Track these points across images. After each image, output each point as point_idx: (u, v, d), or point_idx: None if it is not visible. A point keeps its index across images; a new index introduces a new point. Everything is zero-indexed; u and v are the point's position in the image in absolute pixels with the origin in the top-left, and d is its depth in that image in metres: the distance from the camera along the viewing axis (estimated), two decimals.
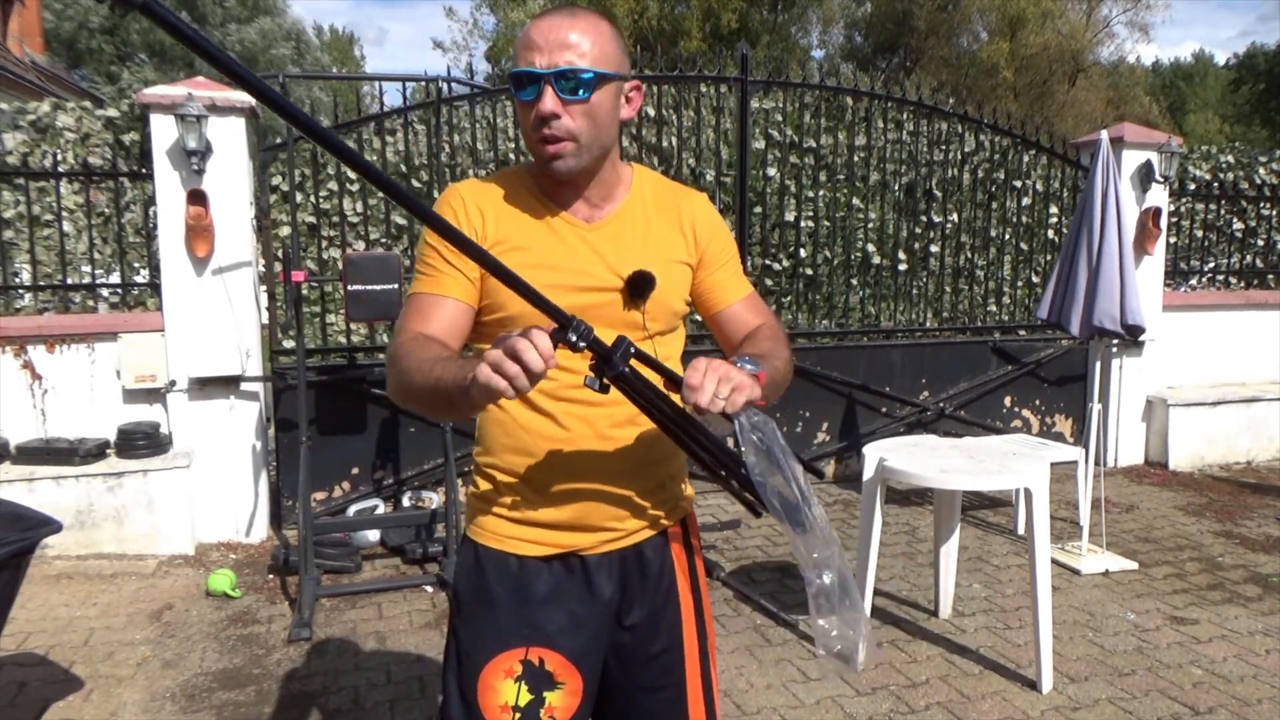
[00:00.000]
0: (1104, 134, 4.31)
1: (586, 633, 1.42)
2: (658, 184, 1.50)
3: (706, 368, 1.17)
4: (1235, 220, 6.66)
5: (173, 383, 4.45)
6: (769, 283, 5.71)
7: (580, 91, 1.29)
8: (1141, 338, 5.92)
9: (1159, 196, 5.97)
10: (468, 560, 1.46)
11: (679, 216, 1.47)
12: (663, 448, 1.44)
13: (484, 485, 1.45)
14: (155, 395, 4.47)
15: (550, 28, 1.30)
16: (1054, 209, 6.20)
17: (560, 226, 1.39)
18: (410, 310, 1.40)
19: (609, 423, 1.38)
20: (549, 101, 1.28)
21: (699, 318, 1.56)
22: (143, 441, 4.30)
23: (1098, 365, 5.70)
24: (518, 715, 1.38)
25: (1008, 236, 6.14)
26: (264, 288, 4.77)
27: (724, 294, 1.51)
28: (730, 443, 1.24)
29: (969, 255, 6.06)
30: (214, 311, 4.42)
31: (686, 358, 1.39)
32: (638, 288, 1.36)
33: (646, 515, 1.46)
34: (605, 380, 1.17)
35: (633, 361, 1.18)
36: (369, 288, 3.80)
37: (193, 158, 4.24)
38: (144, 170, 4.46)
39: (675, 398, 1.22)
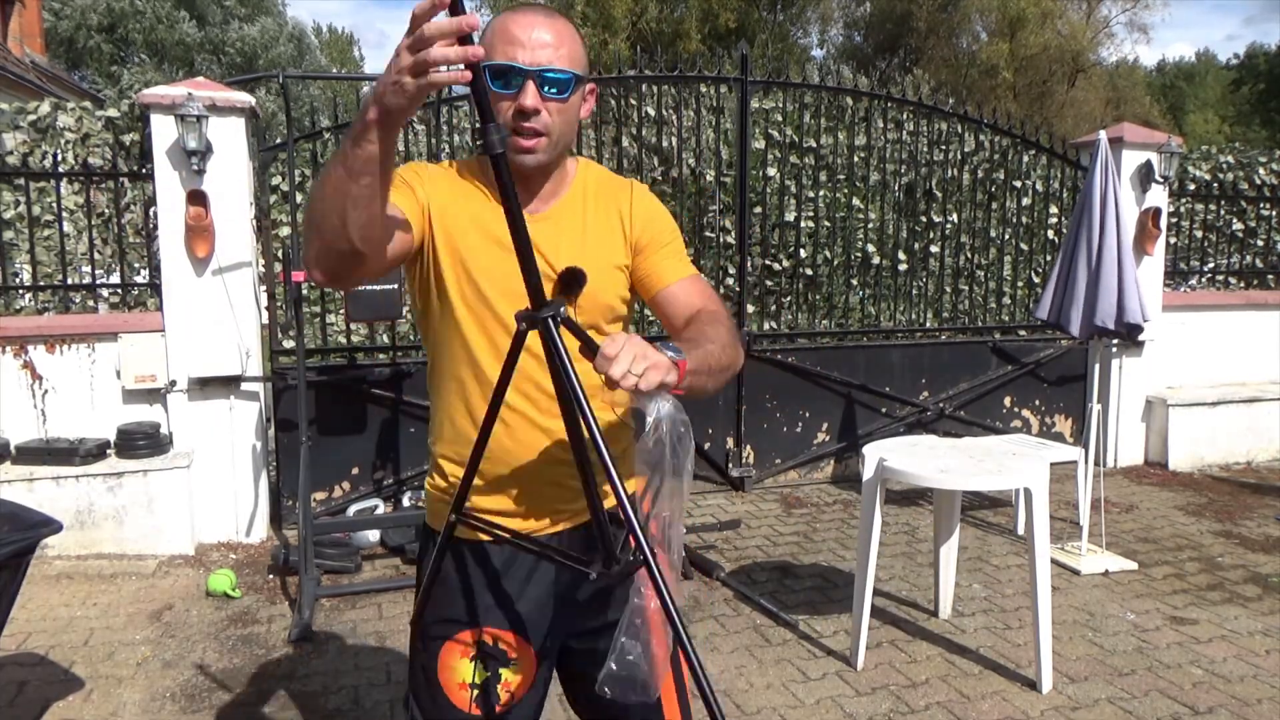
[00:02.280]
0: (1102, 134, 4.31)
1: (538, 611, 1.48)
2: (600, 177, 1.53)
3: (625, 342, 1.14)
4: (1235, 220, 6.66)
5: (173, 383, 4.45)
6: (769, 283, 5.71)
7: (560, 91, 1.35)
8: (1141, 338, 5.93)
9: (1159, 197, 5.97)
10: (426, 548, 1.54)
11: (616, 209, 1.50)
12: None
13: (437, 477, 1.52)
14: (155, 395, 4.47)
15: (531, 25, 1.34)
16: (1054, 209, 6.20)
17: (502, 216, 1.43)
18: None
19: (547, 416, 1.41)
20: (531, 97, 1.32)
21: (659, 320, 1.54)
22: (143, 441, 4.30)
23: (1097, 365, 5.70)
24: (475, 692, 1.46)
25: (1008, 236, 6.14)
26: (264, 288, 4.77)
27: (662, 275, 1.51)
28: (640, 427, 1.21)
29: (969, 255, 6.07)
30: (214, 311, 4.42)
31: None
32: (568, 284, 1.36)
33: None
34: (525, 326, 1.19)
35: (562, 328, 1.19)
36: (369, 288, 3.80)
37: (193, 158, 4.24)
38: (144, 170, 4.46)
39: (588, 367, 1.19)
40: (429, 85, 1.05)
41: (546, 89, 1.33)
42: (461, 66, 1.04)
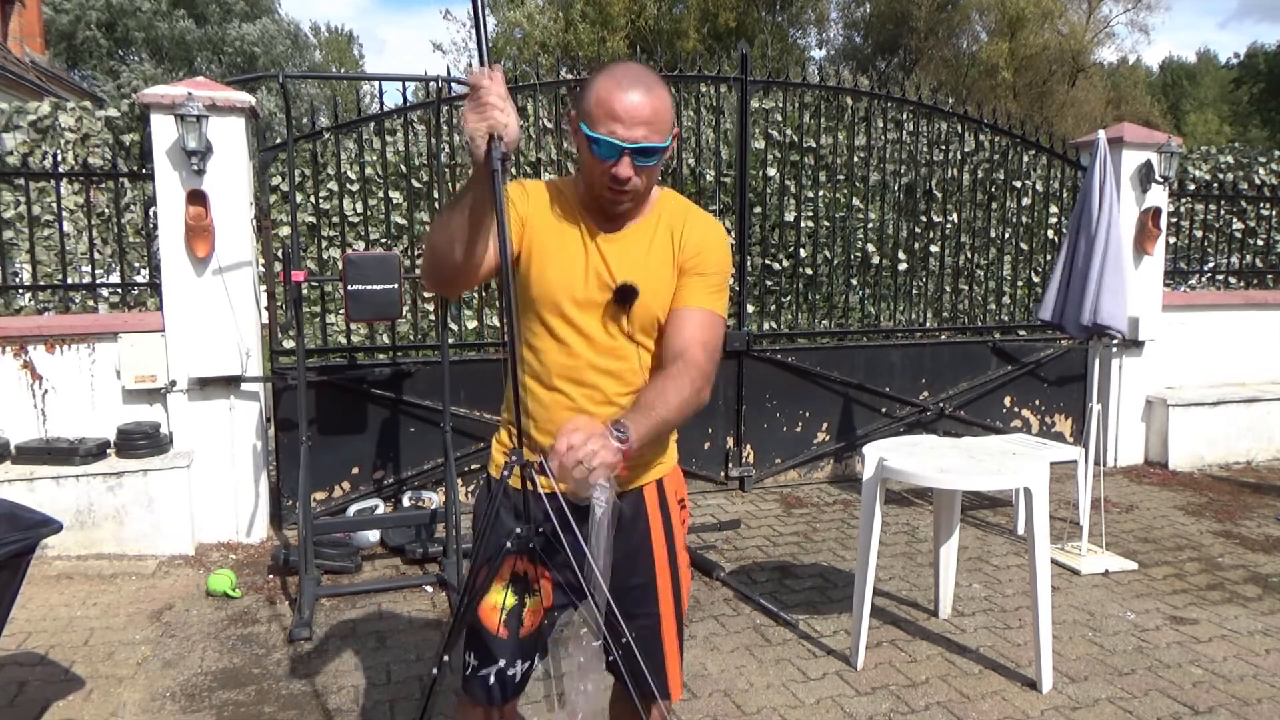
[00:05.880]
0: (1101, 134, 4.31)
1: (563, 557, 1.69)
2: (674, 207, 1.74)
3: (586, 437, 1.35)
4: (1235, 220, 6.67)
5: (173, 383, 4.44)
6: (769, 282, 5.71)
7: (649, 158, 1.58)
8: (1141, 337, 5.94)
9: (1159, 196, 5.97)
10: (482, 490, 1.86)
11: (679, 232, 1.70)
12: None
13: (503, 435, 1.82)
14: (155, 395, 4.46)
15: (629, 98, 1.54)
16: (1054, 209, 6.20)
17: (584, 232, 1.69)
18: None
19: (590, 402, 1.70)
20: (626, 169, 1.57)
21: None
22: (143, 441, 4.30)
23: (1097, 365, 5.70)
24: (504, 614, 1.74)
25: (1008, 236, 6.14)
26: (264, 288, 4.77)
27: (681, 298, 1.70)
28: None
29: (969, 255, 6.06)
30: (214, 311, 4.42)
31: None
32: (623, 297, 1.64)
33: (621, 478, 1.75)
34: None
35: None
36: (369, 287, 3.80)
37: (193, 158, 4.24)
38: (144, 170, 4.46)
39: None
40: (486, 111, 1.37)
41: (638, 159, 1.56)
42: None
